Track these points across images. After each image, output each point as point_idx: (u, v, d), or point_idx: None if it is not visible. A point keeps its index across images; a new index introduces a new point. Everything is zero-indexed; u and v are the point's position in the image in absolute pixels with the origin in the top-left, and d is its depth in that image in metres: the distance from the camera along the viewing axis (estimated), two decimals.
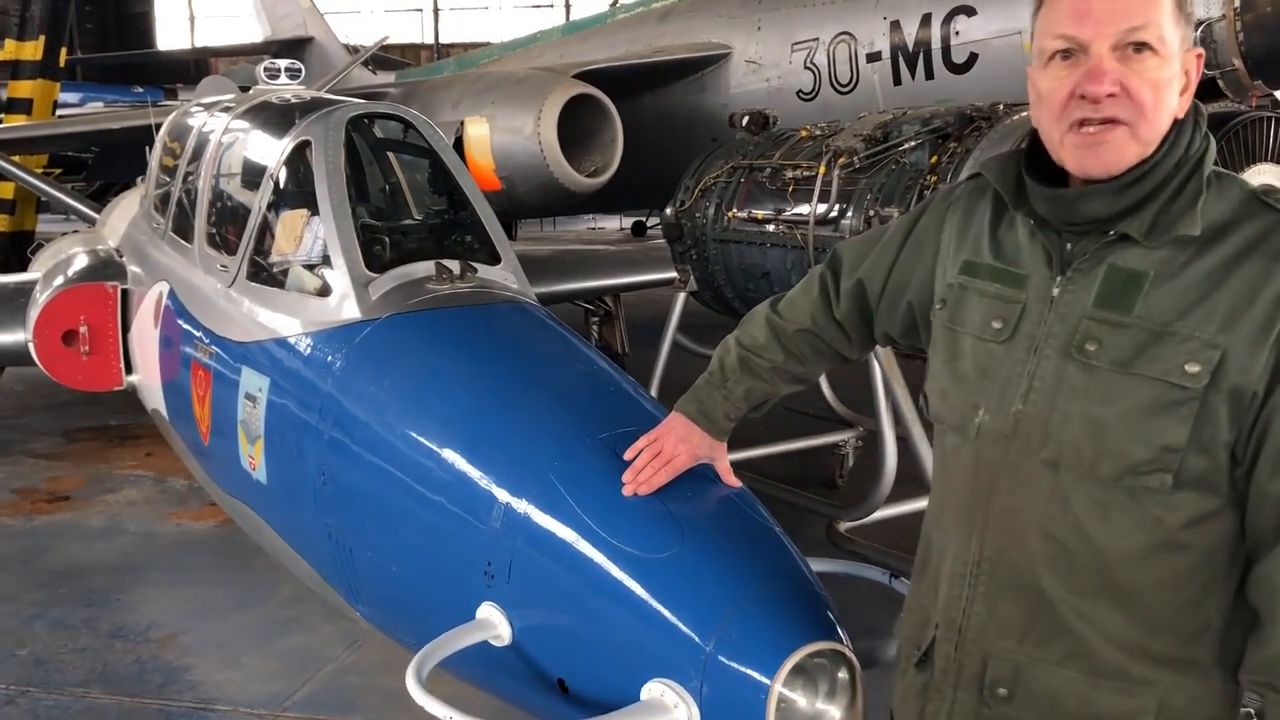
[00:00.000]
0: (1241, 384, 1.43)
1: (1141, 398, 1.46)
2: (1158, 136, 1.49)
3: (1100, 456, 1.49)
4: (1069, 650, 1.55)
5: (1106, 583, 1.52)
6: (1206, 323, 1.44)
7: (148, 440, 6.62)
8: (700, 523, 2.03)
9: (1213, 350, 1.43)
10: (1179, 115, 1.50)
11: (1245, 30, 5.94)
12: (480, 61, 12.35)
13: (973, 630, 1.63)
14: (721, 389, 1.99)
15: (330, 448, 2.70)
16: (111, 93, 23.12)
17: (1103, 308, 1.51)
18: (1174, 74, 1.47)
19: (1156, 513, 1.48)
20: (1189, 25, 1.49)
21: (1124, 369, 1.48)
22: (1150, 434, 1.46)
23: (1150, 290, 1.48)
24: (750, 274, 4.90)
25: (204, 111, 4.78)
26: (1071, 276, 1.55)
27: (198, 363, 3.64)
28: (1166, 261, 1.49)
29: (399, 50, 28.20)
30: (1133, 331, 1.48)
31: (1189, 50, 1.50)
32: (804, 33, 7.99)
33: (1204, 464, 1.46)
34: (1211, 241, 1.48)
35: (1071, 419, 1.51)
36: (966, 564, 1.63)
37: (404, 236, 3.56)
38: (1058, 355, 1.53)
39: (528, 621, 2.13)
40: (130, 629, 4.33)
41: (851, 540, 4.52)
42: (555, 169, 7.87)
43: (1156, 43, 1.45)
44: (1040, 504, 1.55)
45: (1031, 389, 1.55)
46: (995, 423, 1.59)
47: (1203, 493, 1.47)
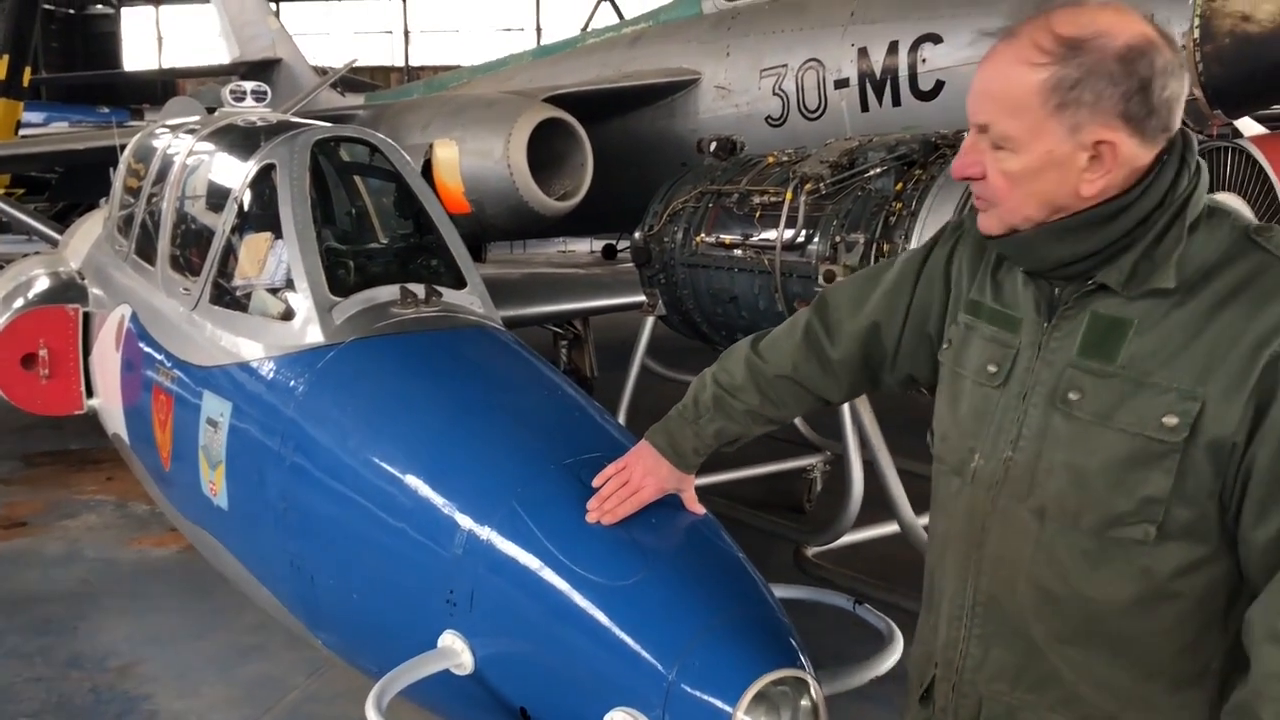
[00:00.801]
0: (1220, 436, 1.40)
1: (1121, 450, 1.45)
2: (1022, 218, 1.50)
3: (1083, 508, 1.48)
4: (1060, 697, 1.55)
5: (1096, 632, 1.51)
6: (1185, 373, 1.41)
7: (109, 464, 6.52)
8: (664, 550, 2.02)
9: (1191, 402, 1.40)
10: (1088, 194, 1.46)
11: (1205, 60, 6.04)
12: (450, 84, 12.35)
13: (968, 672, 1.64)
14: (693, 425, 1.95)
15: (292, 473, 2.68)
16: (76, 113, 22.94)
17: (1087, 356, 1.49)
18: (1041, 164, 1.46)
19: (1144, 563, 1.46)
20: (1085, 108, 1.42)
21: (1104, 420, 1.46)
22: (1131, 486, 1.44)
23: (1134, 338, 1.46)
24: (718, 298, 4.91)
25: (169, 133, 4.74)
26: (1057, 323, 1.54)
27: (159, 387, 3.60)
28: (1151, 308, 1.46)
29: (369, 72, 28.22)
30: (1116, 381, 1.46)
31: (1085, 135, 1.43)
32: (773, 59, 8.05)
33: (1190, 515, 1.43)
34: (1198, 285, 1.44)
35: (1056, 469, 1.50)
36: (963, 607, 1.64)
37: (369, 260, 3.55)
38: (1044, 403, 1.53)
39: (490, 650, 2.11)
40: (87, 658, 4.25)
41: (819, 565, 4.52)
42: (525, 192, 7.87)
43: (1002, 140, 1.48)
44: (1028, 552, 1.54)
45: (1021, 436, 1.55)
46: (989, 468, 1.59)
47: (1191, 542, 1.45)
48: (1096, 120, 1.42)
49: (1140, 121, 1.43)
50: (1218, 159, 3.30)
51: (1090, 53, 1.41)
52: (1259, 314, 1.39)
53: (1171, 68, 1.43)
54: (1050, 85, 1.43)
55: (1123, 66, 1.41)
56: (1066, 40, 1.43)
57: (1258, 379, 1.38)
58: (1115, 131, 1.43)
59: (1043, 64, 1.43)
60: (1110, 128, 1.43)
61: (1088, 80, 1.41)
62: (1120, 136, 1.43)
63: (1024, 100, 1.45)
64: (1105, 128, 1.43)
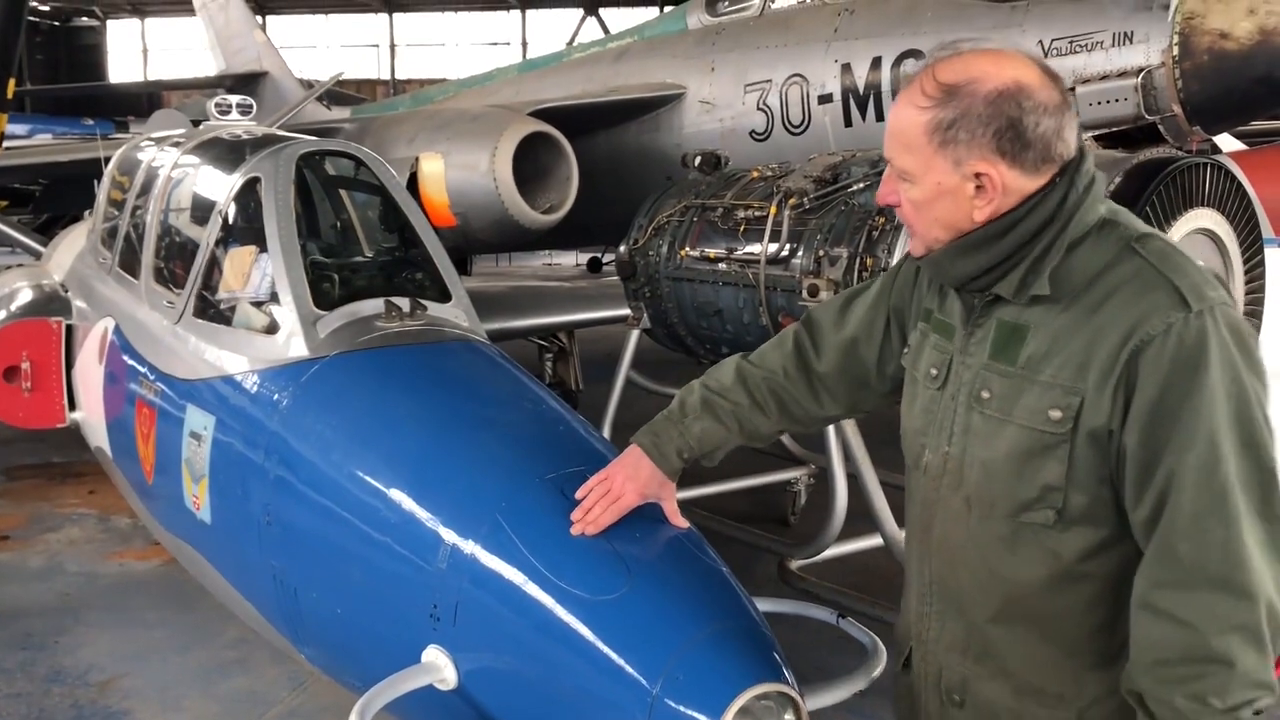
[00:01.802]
0: (1098, 426, 1.57)
1: (1021, 443, 1.62)
2: (933, 240, 1.70)
3: (997, 496, 1.66)
4: (996, 669, 1.73)
5: (1019, 611, 1.68)
6: (1067, 370, 1.59)
7: (91, 478, 6.49)
8: (648, 564, 2.02)
9: (1073, 397, 1.58)
10: (980, 218, 1.64)
11: (1183, 77, 6.10)
12: (436, 97, 12.35)
13: (931, 643, 1.83)
14: (679, 424, 2.02)
15: (275, 487, 2.67)
16: (61, 124, 22.83)
17: (995, 359, 1.68)
18: (934, 193, 1.65)
19: (1052, 546, 1.63)
20: (962, 144, 1.60)
21: (1006, 416, 1.65)
22: (1031, 475, 1.62)
23: (1030, 340, 1.64)
24: (703, 312, 4.92)
25: (154, 146, 4.74)
26: (973, 331, 1.73)
27: (142, 400, 3.58)
28: (1043, 313, 1.64)
29: (355, 85, 28.20)
30: (1016, 380, 1.64)
31: (966, 168, 1.61)
32: (757, 74, 8.08)
33: (1085, 499, 1.60)
34: (1082, 291, 1.61)
35: (975, 462, 1.69)
36: (924, 584, 1.84)
37: (353, 274, 3.55)
38: (966, 402, 1.71)
39: (474, 664, 2.11)
40: (68, 672, 4.23)
41: (803, 578, 4.52)
42: (510, 205, 7.87)
43: (903, 173, 1.69)
44: (962, 538, 1.73)
45: (953, 433, 1.73)
46: (934, 461, 1.77)
47: (1091, 525, 1.61)
48: (973, 155, 1.61)
49: (1015, 154, 1.60)
50: (1197, 175, 3.33)
51: (964, 97, 1.60)
52: (1126, 313, 1.56)
53: (1045, 107, 1.60)
54: (932, 126, 1.62)
55: (990, 108, 1.59)
56: (945, 86, 1.62)
57: (1122, 371, 1.54)
58: (992, 164, 1.61)
59: (926, 107, 1.63)
60: (987, 160, 1.61)
61: (962, 121, 1.60)
62: (998, 168, 1.61)
63: (914, 138, 1.65)
64: (983, 160, 1.61)
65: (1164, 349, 1.52)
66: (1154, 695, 1.52)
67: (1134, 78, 6.22)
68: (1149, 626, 1.53)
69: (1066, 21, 6.57)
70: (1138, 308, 1.55)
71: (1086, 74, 6.47)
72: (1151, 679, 1.52)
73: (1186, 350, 1.51)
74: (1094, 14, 6.48)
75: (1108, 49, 6.40)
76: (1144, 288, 1.57)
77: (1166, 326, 1.52)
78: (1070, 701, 1.67)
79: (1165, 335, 1.52)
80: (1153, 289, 1.56)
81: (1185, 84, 6.12)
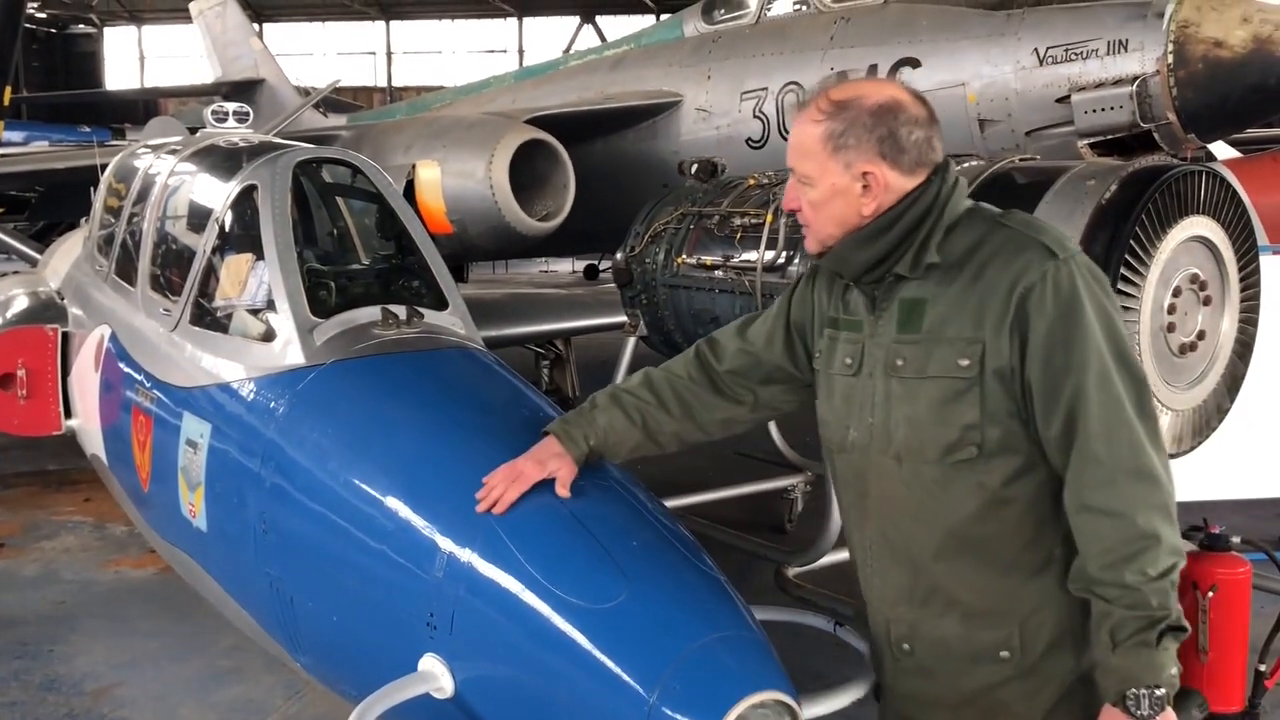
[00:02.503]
0: (1000, 366, 1.88)
1: (937, 393, 1.92)
2: (827, 236, 2.02)
3: (924, 444, 1.94)
4: (942, 604, 1.99)
5: (957, 542, 1.95)
6: (967, 325, 1.90)
7: (87, 485, 6.47)
8: (645, 572, 2.03)
9: (975, 345, 1.89)
10: (866, 214, 1.96)
11: (1178, 85, 6.12)
12: (433, 105, 12.37)
13: (875, 600, 2.10)
14: (588, 415, 2.27)
15: (272, 495, 2.66)
16: (57, 132, 22.81)
17: (902, 332, 1.98)
18: (829, 193, 1.98)
19: (978, 479, 1.92)
20: (851, 149, 1.94)
21: (921, 374, 1.94)
22: (952, 418, 1.91)
23: (930, 310, 1.95)
24: (699, 319, 4.93)
25: (150, 153, 4.73)
26: (879, 315, 2.02)
27: (139, 407, 3.58)
28: (936, 285, 1.95)
29: (351, 93, 28.26)
30: (923, 345, 1.94)
31: (854, 169, 1.95)
32: (753, 82, 8.10)
33: (999, 432, 1.90)
34: (964, 261, 1.94)
35: (900, 421, 1.97)
36: (864, 548, 2.10)
37: (350, 281, 3.54)
38: (882, 375, 2.00)
39: (470, 673, 2.10)
40: (63, 681, 4.21)
41: (800, 586, 4.51)
42: (507, 213, 7.88)
43: (804, 178, 2.01)
44: (898, 491, 1.99)
45: (874, 404, 2.01)
46: (860, 436, 2.04)
47: (1008, 455, 1.91)
48: (860, 158, 1.95)
49: (894, 158, 1.95)
50: (1192, 183, 3.33)
51: (851, 110, 1.95)
52: (1009, 267, 1.89)
53: (917, 120, 1.96)
54: (826, 135, 1.96)
55: (873, 119, 1.94)
56: (835, 102, 1.97)
57: (1014, 315, 1.87)
58: (876, 165, 1.95)
59: (820, 120, 1.97)
60: (872, 163, 1.95)
61: (850, 130, 1.94)
62: (881, 168, 1.95)
63: (812, 147, 1.98)
64: (868, 162, 1.95)
65: (1045, 292, 1.85)
66: (1103, 579, 1.82)
67: (1129, 86, 6.25)
68: (1088, 524, 1.84)
69: (1062, 29, 6.60)
70: (1016, 263, 1.88)
71: (1082, 82, 6.49)
72: (1099, 566, 1.82)
73: (1063, 291, 1.85)
74: (1089, 22, 6.51)
75: (1103, 57, 6.42)
76: (1018, 248, 1.91)
77: (1043, 274, 1.86)
78: (1012, 615, 1.95)
79: (1043, 281, 1.86)
80: (1025, 247, 1.90)
81: (1180, 92, 6.14)
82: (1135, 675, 1.81)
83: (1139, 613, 1.81)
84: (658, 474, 2.36)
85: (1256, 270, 3.53)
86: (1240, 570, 2.91)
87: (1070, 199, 3.28)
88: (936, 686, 2.03)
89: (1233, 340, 3.48)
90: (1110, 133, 6.45)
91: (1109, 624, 1.83)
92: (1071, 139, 6.58)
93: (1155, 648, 1.81)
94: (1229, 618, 3.24)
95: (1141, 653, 1.81)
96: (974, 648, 1.98)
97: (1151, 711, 1.80)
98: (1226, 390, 3.49)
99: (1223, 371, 3.46)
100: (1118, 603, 1.82)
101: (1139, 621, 1.81)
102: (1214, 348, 3.44)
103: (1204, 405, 3.42)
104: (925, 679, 2.04)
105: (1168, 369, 3.30)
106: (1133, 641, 1.81)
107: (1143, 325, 3.18)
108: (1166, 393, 3.27)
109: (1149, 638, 1.81)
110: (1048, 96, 6.64)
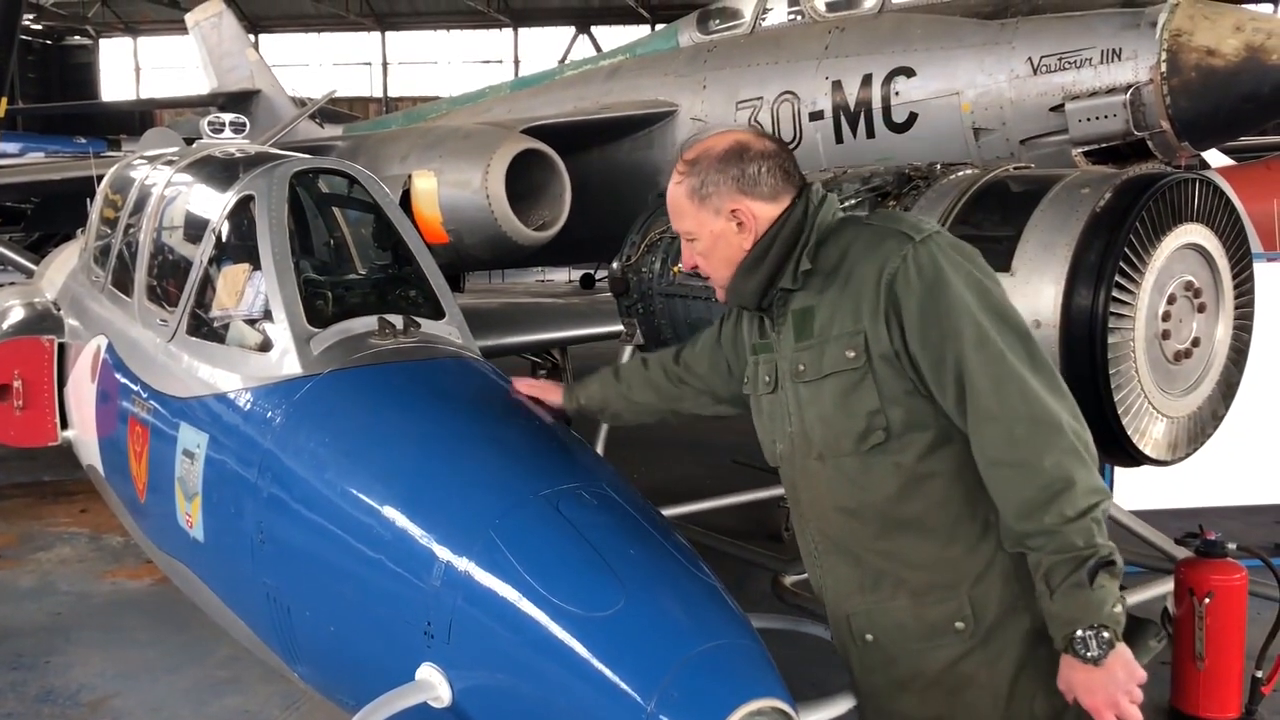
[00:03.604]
0: (884, 351, 2.01)
1: (837, 387, 2.06)
2: (724, 279, 2.21)
3: (839, 438, 2.07)
4: (892, 586, 2.08)
5: (891, 524, 2.05)
6: (849, 320, 2.04)
7: (83, 496, 6.46)
8: (642, 580, 2.03)
9: (858, 336, 2.03)
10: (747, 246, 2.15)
11: (1171, 94, 6.15)
12: (429, 115, 12.38)
13: (831, 599, 2.19)
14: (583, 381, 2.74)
15: (269, 505, 2.66)
16: (53, 143, 22.80)
17: (798, 340, 2.13)
18: (711, 240, 2.18)
19: (894, 460, 2.03)
20: (713, 195, 2.14)
21: (820, 374, 2.08)
22: (854, 409, 2.04)
23: (818, 316, 2.10)
24: (696, 328, 4.92)
25: (147, 164, 4.74)
26: (779, 330, 2.18)
27: (135, 418, 3.58)
28: (820, 291, 2.11)
29: (347, 103, 28.26)
30: (816, 347, 2.09)
31: (724, 211, 2.15)
32: (748, 91, 8.12)
33: (901, 412, 2.02)
34: (839, 264, 2.09)
35: (814, 423, 2.11)
36: (810, 552, 2.21)
37: (347, 291, 3.54)
38: (791, 384, 2.15)
39: (468, 682, 2.10)
40: (59, 692, 4.20)
41: (797, 593, 4.50)
42: (503, 222, 7.89)
43: (688, 236, 2.23)
44: (825, 488, 2.12)
45: (790, 414, 2.16)
46: (784, 447, 2.20)
47: (916, 431, 2.02)
48: (724, 201, 2.14)
49: (752, 190, 2.14)
50: (1186, 191, 3.34)
51: (702, 162, 2.16)
52: (874, 258, 2.03)
53: (763, 154, 2.15)
54: (689, 191, 2.17)
55: (723, 163, 2.14)
56: (689, 161, 2.19)
57: (885, 300, 2.00)
58: (739, 201, 2.14)
59: (681, 180, 2.19)
60: (735, 200, 2.14)
61: (707, 179, 2.15)
62: (745, 202, 2.14)
63: (683, 205, 2.20)
64: (733, 201, 2.14)
65: (908, 272, 1.99)
66: (1026, 530, 1.89)
67: (1123, 94, 6.27)
68: (999, 479, 1.93)
69: (1055, 38, 6.62)
70: (879, 253, 2.03)
71: (1076, 90, 6.52)
72: (1017, 518, 1.90)
73: (925, 268, 1.98)
74: (1083, 31, 6.54)
75: (1096, 65, 6.45)
76: (877, 240, 2.06)
77: (903, 257, 2.00)
78: (959, 586, 2.02)
79: (904, 263, 1.99)
80: (884, 238, 2.06)
81: (1174, 100, 6.17)
82: (1076, 617, 1.84)
83: (1066, 555, 1.85)
84: (655, 483, 2.38)
85: (1250, 277, 3.54)
86: (1236, 577, 2.92)
87: (1065, 207, 3.28)
88: (901, 671, 2.09)
89: (1227, 347, 3.48)
90: (1104, 141, 6.47)
91: (1042, 572, 1.89)
92: (1066, 147, 6.60)
93: (1090, 587, 1.83)
94: (1225, 624, 3.25)
95: (1078, 594, 1.84)
96: (929, 624, 2.04)
97: (1101, 651, 1.82)
98: (1222, 397, 3.50)
99: (1218, 378, 3.46)
100: (1044, 550, 1.87)
101: (1069, 564, 1.85)
102: (1209, 354, 3.45)
103: (1199, 412, 3.42)
104: (891, 666, 2.10)
105: (1163, 376, 3.30)
106: (1067, 584, 1.85)
107: (1138, 332, 3.18)
108: (1161, 399, 3.27)
109: (1080, 578, 1.84)
110: (1042, 105, 6.67)
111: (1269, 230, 8.07)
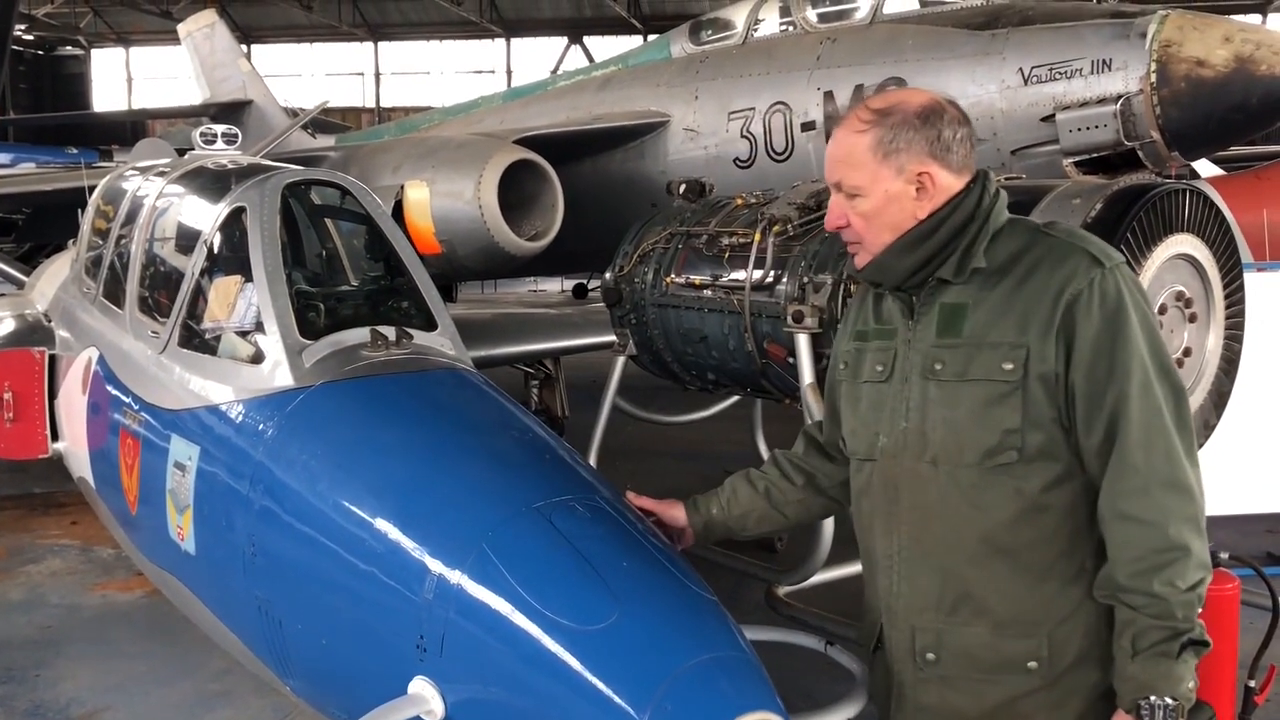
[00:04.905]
0: (1045, 371, 1.89)
1: (979, 396, 1.93)
2: (880, 245, 2.02)
3: (963, 448, 1.94)
4: (971, 613, 1.97)
5: (992, 549, 1.94)
6: (1011, 330, 1.92)
7: (74, 508, 6.44)
8: (635, 593, 2.02)
9: (1019, 349, 1.90)
10: (922, 215, 1.98)
11: (1161, 104, 6.18)
12: (421, 126, 12.40)
13: (901, 609, 2.05)
14: (716, 491, 2.41)
15: (260, 518, 2.65)
16: (45, 153, 22.80)
17: (942, 336, 1.99)
18: (883, 201, 1.99)
19: (1016, 484, 1.92)
20: (902, 152, 1.96)
21: (962, 378, 1.95)
22: (992, 422, 1.91)
23: (971, 315, 1.96)
24: (688, 338, 4.93)
25: (138, 175, 4.73)
26: (918, 320, 2.03)
27: (126, 430, 3.57)
28: (978, 290, 1.97)
29: (340, 114, 28.27)
30: (964, 349, 1.95)
31: (908, 172, 1.97)
32: (740, 102, 8.15)
33: (1040, 437, 1.90)
34: (1008, 268, 1.96)
35: (937, 424, 1.97)
36: (890, 555, 2.06)
37: (339, 303, 3.54)
38: (919, 379, 2.01)
39: (461, 696, 2.09)
40: (49, 706, 4.18)
41: (790, 605, 4.50)
42: (496, 233, 7.90)
43: (854, 190, 2.01)
44: (933, 495, 1.99)
45: (908, 409, 2.02)
46: (891, 443, 2.04)
47: (1047, 461, 1.91)
48: (913, 160, 1.97)
49: (944, 158, 1.98)
50: (1176, 201, 3.36)
51: (895, 115, 1.97)
52: (1055, 275, 1.91)
53: (959, 120, 1.99)
54: (875, 142, 1.97)
55: (920, 120, 1.96)
56: (877, 110, 1.99)
57: (1060, 321, 1.88)
58: (928, 164, 1.97)
59: (865, 130, 1.98)
60: (924, 163, 1.97)
61: (899, 134, 1.96)
62: (933, 167, 1.97)
63: (860, 156, 1.99)
64: (920, 163, 1.97)
65: (1092, 299, 1.87)
66: (1131, 588, 1.83)
67: (1113, 104, 6.30)
68: (1120, 531, 1.85)
69: (1046, 49, 6.66)
70: (1062, 271, 1.90)
71: (1066, 101, 6.55)
72: (1128, 574, 1.83)
73: (1110, 299, 1.88)
74: (1073, 42, 6.57)
75: (1087, 76, 6.48)
76: (1063, 255, 1.93)
77: (1090, 281, 1.88)
78: (1042, 625, 1.93)
79: (1090, 288, 1.88)
80: (1071, 255, 1.92)
81: (1164, 110, 6.20)
82: (1152, 684, 1.82)
83: (1163, 623, 1.81)
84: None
85: (1241, 287, 3.55)
86: (1229, 586, 2.91)
87: (1056, 217, 3.29)
88: (958, 697, 2.01)
89: (1218, 357, 3.50)
90: (1095, 151, 6.50)
91: (1132, 631, 1.84)
92: (1056, 158, 6.63)
93: (1175, 659, 1.81)
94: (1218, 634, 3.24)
95: (1161, 663, 1.81)
96: (1002, 657, 1.96)
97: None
98: (1213, 407, 3.51)
99: (1209, 388, 3.48)
100: (1143, 611, 1.82)
101: (1162, 632, 1.81)
102: (1200, 364, 3.46)
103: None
104: (947, 689, 2.02)
105: None
106: (1153, 651, 1.82)
107: None
108: None
109: (1170, 649, 1.81)
110: (1033, 115, 6.70)
111: (1259, 240, 8.09)
